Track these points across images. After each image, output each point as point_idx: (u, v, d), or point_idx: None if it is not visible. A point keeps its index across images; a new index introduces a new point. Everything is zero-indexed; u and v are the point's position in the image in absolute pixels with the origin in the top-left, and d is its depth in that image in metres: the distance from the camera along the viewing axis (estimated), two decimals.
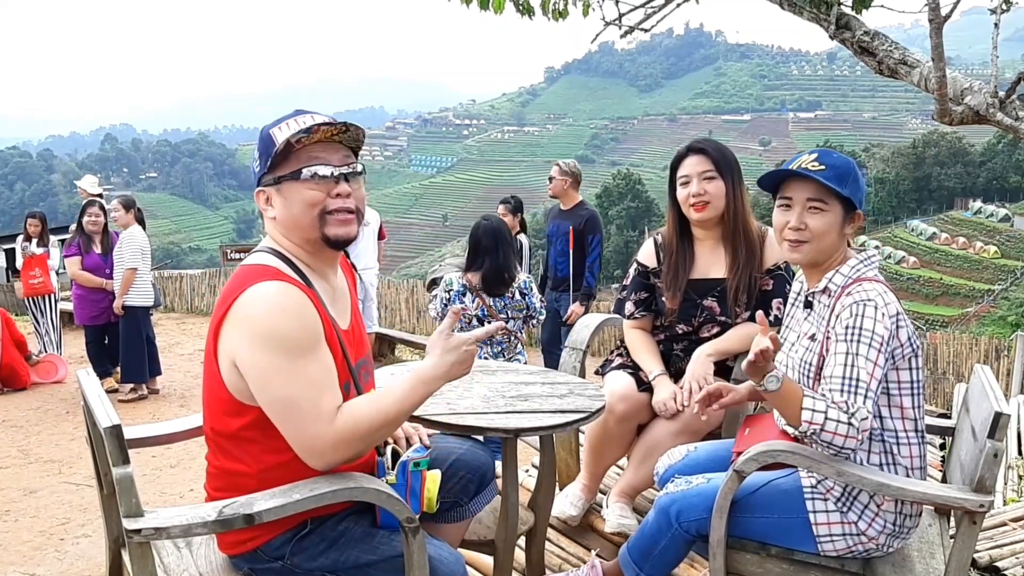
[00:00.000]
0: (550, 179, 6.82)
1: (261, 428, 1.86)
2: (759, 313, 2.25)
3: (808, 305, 2.32)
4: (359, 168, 1.98)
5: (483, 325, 4.39)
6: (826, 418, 2.05)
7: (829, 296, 2.22)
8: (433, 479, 2.07)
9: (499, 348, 4.60)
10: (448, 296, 4.52)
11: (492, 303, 4.50)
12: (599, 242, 6.66)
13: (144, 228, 7.47)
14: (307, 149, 1.90)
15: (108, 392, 5.92)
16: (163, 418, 6.48)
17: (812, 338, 2.25)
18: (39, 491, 5.14)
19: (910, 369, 2.17)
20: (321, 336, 1.86)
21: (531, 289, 4.62)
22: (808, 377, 2.24)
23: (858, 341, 2.08)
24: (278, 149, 1.88)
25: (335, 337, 1.92)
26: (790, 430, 2.20)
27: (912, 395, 2.19)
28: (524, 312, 4.61)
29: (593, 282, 6.67)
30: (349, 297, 2.12)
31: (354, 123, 1.95)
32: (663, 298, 3.10)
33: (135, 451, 2.03)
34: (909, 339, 2.14)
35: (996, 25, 2.49)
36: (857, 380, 2.07)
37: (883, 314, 2.08)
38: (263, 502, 1.80)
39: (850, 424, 2.05)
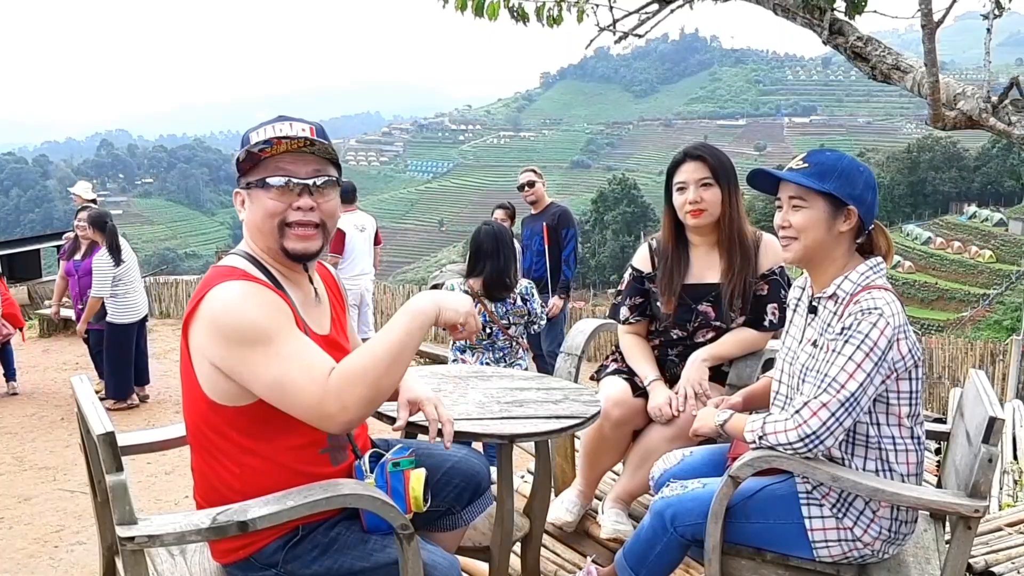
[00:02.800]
0: (530, 184, 6.86)
1: (236, 428, 1.87)
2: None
3: (812, 310, 2.31)
4: (330, 180, 1.95)
5: (484, 330, 4.45)
6: (764, 422, 2.18)
7: (836, 303, 2.20)
8: (417, 477, 2.04)
9: (501, 354, 4.58)
10: None
11: (494, 308, 4.48)
12: (574, 235, 6.77)
13: (110, 244, 7.12)
14: (276, 158, 1.89)
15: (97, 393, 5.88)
16: (158, 424, 6.47)
17: (814, 344, 2.24)
18: (33, 498, 5.13)
19: (910, 380, 2.17)
20: (291, 319, 1.85)
21: (532, 294, 4.61)
22: (806, 384, 2.22)
23: (847, 342, 2.09)
24: (239, 157, 1.89)
25: (304, 328, 1.91)
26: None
27: (910, 404, 2.18)
28: (525, 318, 4.59)
29: (570, 274, 6.79)
30: (328, 305, 2.11)
31: (321, 139, 1.92)
32: (658, 303, 3.11)
33: (129, 457, 2.02)
34: (910, 351, 2.13)
35: (988, 31, 2.50)
36: (827, 375, 2.09)
37: (886, 323, 2.07)
38: (257, 509, 1.79)
39: (786, 420, 2.12)
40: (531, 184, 6.86)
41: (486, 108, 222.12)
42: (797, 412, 2.11)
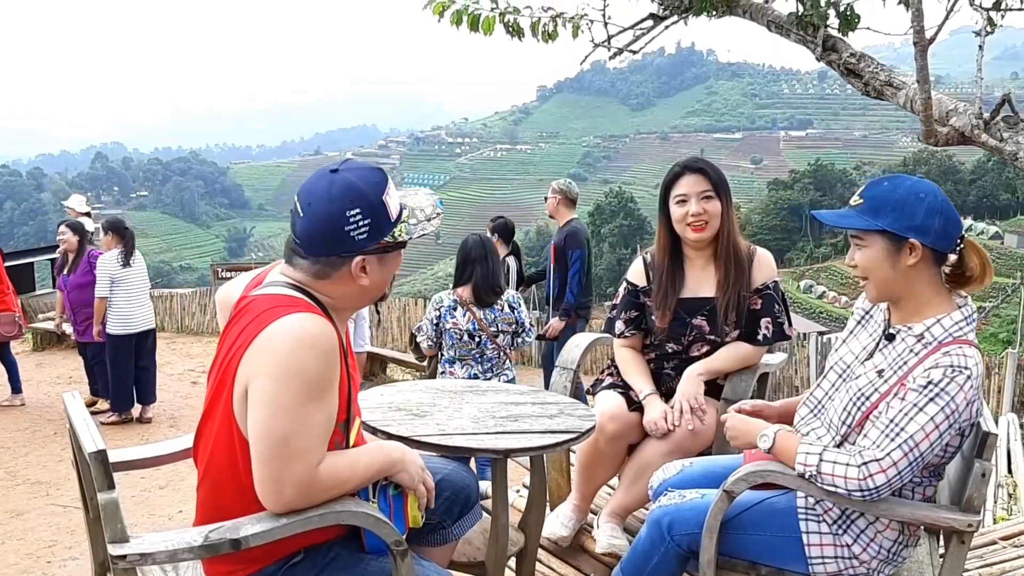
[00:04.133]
0: (545, 199, 6.90)
1: None
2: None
3: (889, 337, 2.18)
4: None
5: (473, 339, 4.56)
6: (821, 460, 2.07)
7: (921, 343, 2.09)
8: (414, 498, 2.06)
9: (489, 364, 4.65)
10: (439, 313, 4.59)
11: (482, 316, 4.57)
12: (579, 257, 6.61)
13: (126, 249, 7.11)
14: None
15: (88, 407, 5.86)
16: (152, 440, 6.45)
17: (880, 373, 2.14)
18: (26, 513, 5.10)
19: (960, 436, 2.11)
20: (336, 380, 1.83)
21: (519, 304, 4.71)
22: (859, 409, 2.14)
23: (932, 400, 1.98)
24: (401, 244, 1.95)
25: (346, 377, 1.90)
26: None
27: (944, 456, 2.13)
28: (513, 326, 4.67)
29: (572, 299, 6.62)
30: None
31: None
32: (653, 317, 3.11)
33: (123, 473, 2.02)
34: (976, 412, 2.07)
35: (980, 47, 2.52)
36: (904, 430, 1.98)
37: (971, 386, 1.99)
38: (250, 526, 1.78)
39: (848, 465, 2.02)
40: (546, 199, 6.88)
41: (483, 121, 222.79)
42: (865, 464, 2.00)
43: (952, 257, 2.11)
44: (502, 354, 4.69)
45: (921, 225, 2.06)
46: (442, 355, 4.75)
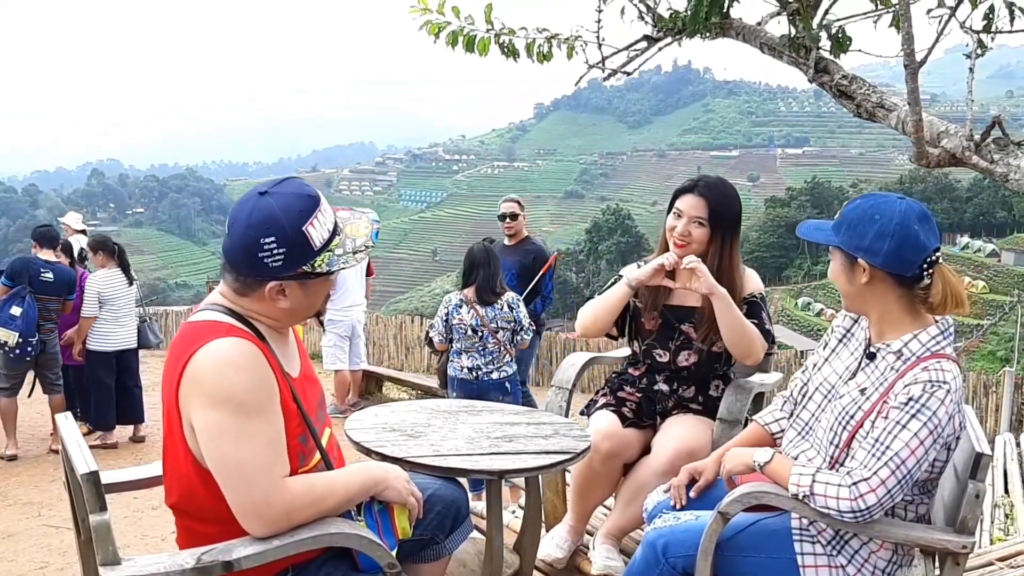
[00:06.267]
0: (512, 217, 6.55)
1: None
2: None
3: (870, 356, 2.21)
4: None
5: (476, 334, 5.09)
6: (814, 480, 2.08)
7: (899, 359, 2.12)
8: (401, 510, 2.06)
9: (490, 357, 5.16)
10: (447, 310, 5.17)
11: (484, 313, 5.11)
12: (551, 275, 6.45)
13: (121, 266, 7.09)
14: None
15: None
16: (146, 460, 6.42)
17: (863, 391, 2.17)
18: (17, 534, 5.06)
19: (947, 449, 2.12)
20: (275, 395, 1.84)
21: (518, 304, 5.27)
22: (844, 428, 2.16)
23: (914, 416, 2.00)
24: (324, 274, 1.93)
25: (288, 390, 1.91)
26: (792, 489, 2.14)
27: (931, 472, 2.13)
28: (512, 324, 5.20)
29: (540, 309, 6.43)
30: (295, 342, 2.13)
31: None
32: (643, 319, 3.13)
33: (116, 494, 2.01)
34: (960, 425, 2.09)
35: (971, 70, 2.53)
36: (889, 448, 2.00)
37: (951, 400, 2.02)
38: (242, 549, 1.78)
39: (840, 486, 2.02)
40: (514, 217, 6.57)
41: (480, 138, 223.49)
42: (855, 484, 2.01)
43: (926, 281, 2.11)
44: (502, 348, 5.20)
45: (869, 247, 2.11)
46: (453, 347, 5.25)
